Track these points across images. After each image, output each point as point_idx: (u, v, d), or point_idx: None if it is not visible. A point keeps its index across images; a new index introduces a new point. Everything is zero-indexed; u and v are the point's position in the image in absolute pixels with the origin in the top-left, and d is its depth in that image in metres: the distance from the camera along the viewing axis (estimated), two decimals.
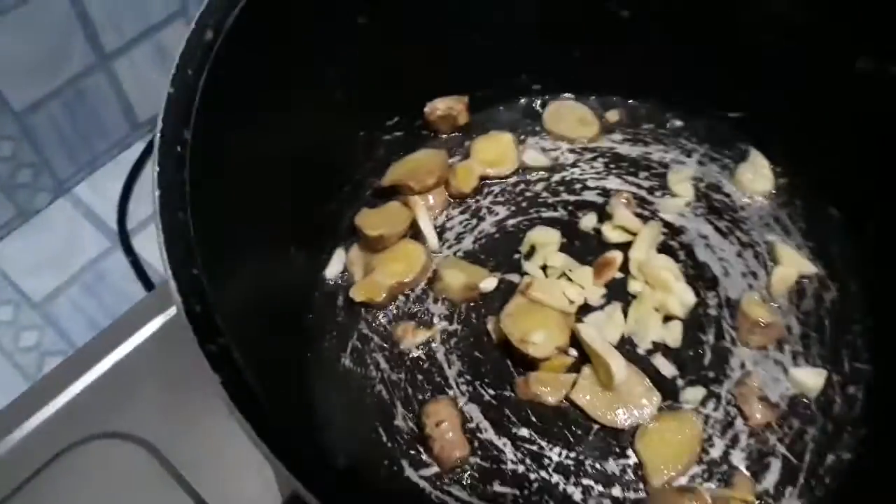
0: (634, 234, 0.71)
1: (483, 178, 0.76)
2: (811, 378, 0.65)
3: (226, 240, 0.47)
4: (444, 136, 0.79)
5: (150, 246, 0.97)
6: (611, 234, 0.72)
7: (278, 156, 0.60)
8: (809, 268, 0.70)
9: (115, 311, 0.92)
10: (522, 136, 0.79)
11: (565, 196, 0.75)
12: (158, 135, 0.44)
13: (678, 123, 0.80)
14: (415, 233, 0.72)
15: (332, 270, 0.71)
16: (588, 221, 0.73)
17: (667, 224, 0.73)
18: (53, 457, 0.66)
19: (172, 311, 0.76)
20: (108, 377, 0.72)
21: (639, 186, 0.76)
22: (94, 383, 0.72)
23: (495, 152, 0.76)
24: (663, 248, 0.72)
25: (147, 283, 0.94)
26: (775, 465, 0.62)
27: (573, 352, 0.66)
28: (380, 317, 0.69)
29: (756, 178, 0.75)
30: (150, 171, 0.43)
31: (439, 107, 0.77)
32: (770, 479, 0.61)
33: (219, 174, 0.48)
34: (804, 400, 0.65)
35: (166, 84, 0.47)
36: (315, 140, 0.66)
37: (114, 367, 0.73)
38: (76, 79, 0.93)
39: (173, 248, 0.41)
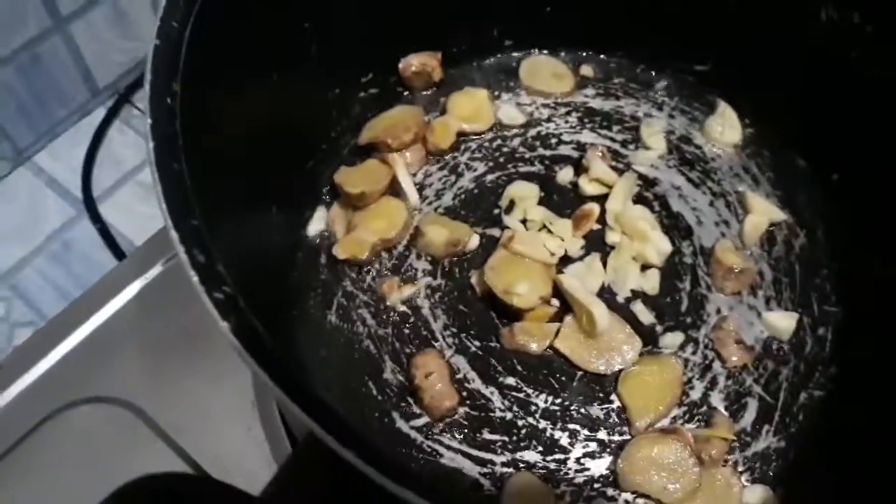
0: (610, 187, 0.72)
1: (460, 134, 0.76)
2: (783, 321, 0.67)
3: (216, 194, 0.47)
4: (419, 93, 0.79)
5: (117, 213, 0.96)
6: (587, 186, 0.73)
7: (258, 112, 0.59)
8: (779, 215, 0.73)
9: (84, 280, 0.91)
10: (497, 93, 0.80)
11: (541, 151, 0.76)
12: (148, 86, 0.44)
13: (649, 77, 0.81)
14: (395, 190, 0.72)
15: (314, 228, 0.70)
16: (565, 175, 0.74)
17: (641, 176, 0.75)
18: (37, 424, 0.65)
19: (149, 275, 0.75)
20: (86, 345, 0.72)
21: (612, 140, 0.77)
22: (71, 352, 0.71)
23: (471, 108, 0.77)
24: (638, 200, 0.73)
25: (116, 251, 0.93)
26: (752, 405, 0.64)
27: (556, 302, 0.67)
28: (364, 273, 0.69)
29: (725, 130, 0.77)
30: (114, 137, 0.43)
31: (413, 63, 0.77)
32: (747, 418, 0.64)
33: (205, 128, 0.47)
34: (777, 342, 0.67)
35: (125, 47, 0.46)
36: (291, 98, 0.65)
37: (90, 335, 0.72)
38: (32, 43, 0.90)
39: (172, 199, 0.40)
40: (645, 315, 0.68)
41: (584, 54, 0.82)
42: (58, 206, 0.96)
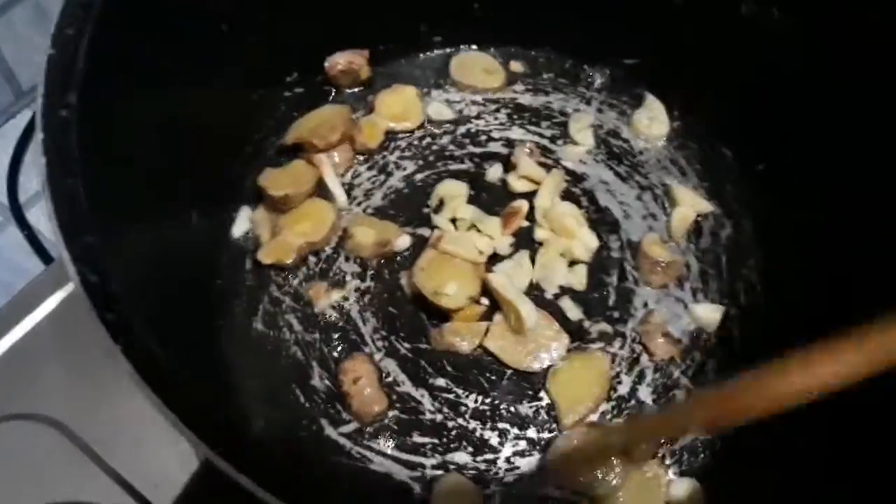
0: (539, 183, 0.72)
1: (388, 132, 0.75)
2: (710, 313, 0.68)
3: (121, 206, 0.45)
4: (346, 91, 0.78)
5: (45, 218, 0.93)
6: (516, 183, 0.73)
7: (172, 116, 0.58)
8: (706, 207, 0.73)
9: (11, 287, 0.88)
10: (426, 90, 0.79)
11: (471, 148, 0.76)
12: (41, 99, 0.42)
13: (577, 71, 0.81)
14: (322, 191, 0.71)
15: (238, 231, 0.69)
16: (494, 172, 0.74)
17: (569, 171, 0.75)
18: None
19: (73, 284, 0.73)
20: (10, 357, 0.69)
21: (541, 136, 0.77)
22: None
23: (400, 106, 0.76)
24: (566, 195, 0.73)
25: (45, 257, 0.90)
26: (680, 398, 0.65)
27: (485, 301, 0.67)
28: (290, 278, 0.68)
29: (652, 123, 0.77)
30: (40, 139, 0.41)
31: (340, 61, 0.76)
32: None
33: (108, 138, 0.46)
34: (705, 333, 0.68)
35: (47, 45, 0.45)
36: (210, 100, 0.64)
37: (14, 345, 0.70)
38: None
39: (64, 216, 0.39)
40: (573, 311, 0.68)
41: (514, 49, 0.82)
42: None
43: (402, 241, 0.69)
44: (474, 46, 0.81)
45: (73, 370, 0.69)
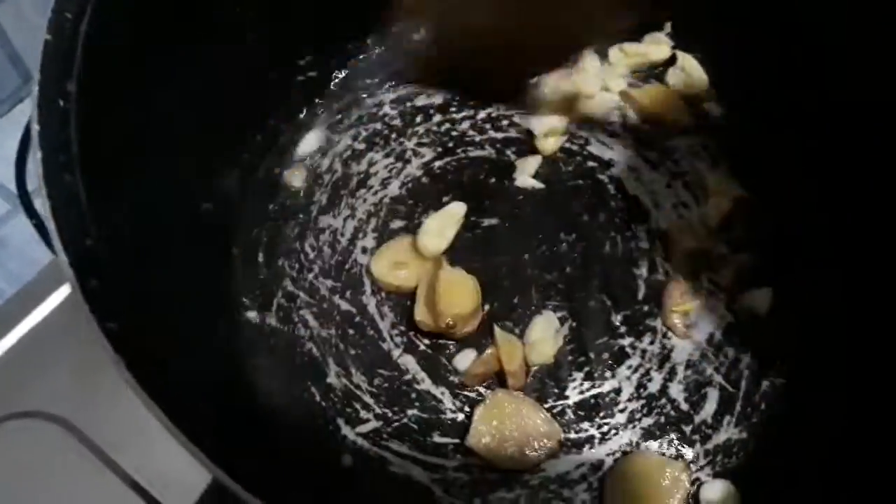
0: None
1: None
2: (759, 298, 0.65)
3: (124, 203, 0.43)
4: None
5: None
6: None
7: (180, 102, 0.55)
8: (739, 194, 0.70)
9: (20, 277, 0.86)
10: None
11: (491, 133, 0.72)
12: (36, 89, 0.39)
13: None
14: None
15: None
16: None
17: (596, 158, 0.72)
18: None
19: None
20: (17, 351, 0.68)
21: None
22: (1, 358, 0.67)
23: None
24: (594, 183, 0.70)
25: (53, 247, 0.88)
26: (712, 395, 0.62)
27: None
28: (305, 272, 0.65)
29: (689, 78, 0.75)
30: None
31: None
32: (708, 408, 0.62)
33: (110, 128, 0.43)
34: (739, 331, 0.64)
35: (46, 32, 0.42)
36: (220, 84, 0.61)
37: (21, 340, 0.68)
38: None
39: (62, 216, 0.36)
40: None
41: None
42: None
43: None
44: None
45: (82, 367, 0.67)
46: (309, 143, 0.72)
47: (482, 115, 0.73)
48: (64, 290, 0.71)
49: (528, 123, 0.72)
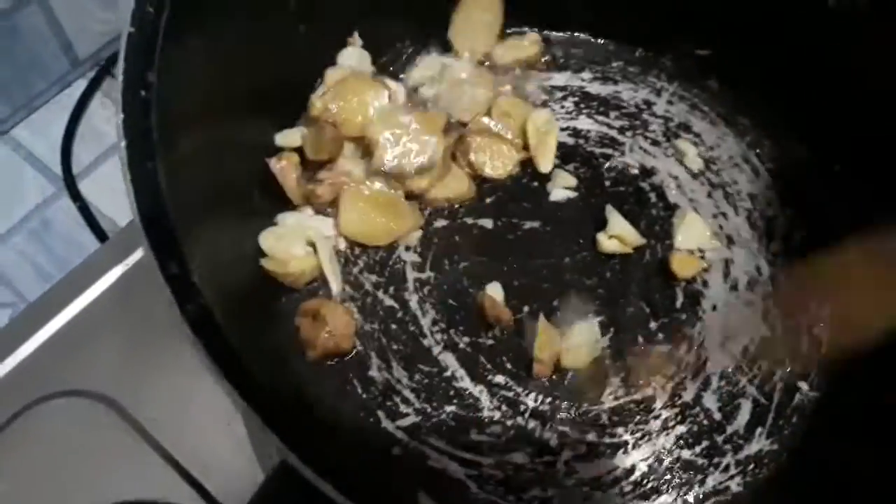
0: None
1: None
2: None
3: (194, 189, 0.44)
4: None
5: (98, 191, 0.93)
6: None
7: (241, 88, 0.56)
8: (778, 209, 0.70)
9: (64, 259, 0.88)
10: None
11: None
12: (121, 78, 0.41)
13: (646, 61, 0.78)
14: None
15: None
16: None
17: (637, 165, 0.72)
18: (11, 417, 0.63)
19: (130, 261, 0.72)
20: (65, 332, 0.69)
21: (609, 126, 0.74)
22: (50, 339, 0.69)
23: None
24: (635, 191, 0.71)
25: (96, 230, 0.90)
26: (745, 406, 0.63)
27: None
28: (350, 266, 0.67)
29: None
30: (95, 111, 0.40)
31: None
32: (741, 419, 0.62)
33: (185, 117, 0.44)
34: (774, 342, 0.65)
35: (106, 17, 0.44)
36: (275, 68, 0.61)
37: (70, 321, 0.70)
38: (8, 13, 0.86)
39: (144, 203, 0.38)
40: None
41: (581, 37, 0.79)
42: (37, 183, 0.93)
43: None
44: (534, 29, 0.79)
45: (128, 348, 0.68)
46: None
47: None
48: (111, 276, 0.72)
49: None
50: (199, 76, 0.48)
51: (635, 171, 0.72)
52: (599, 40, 0.79)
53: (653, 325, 0.65)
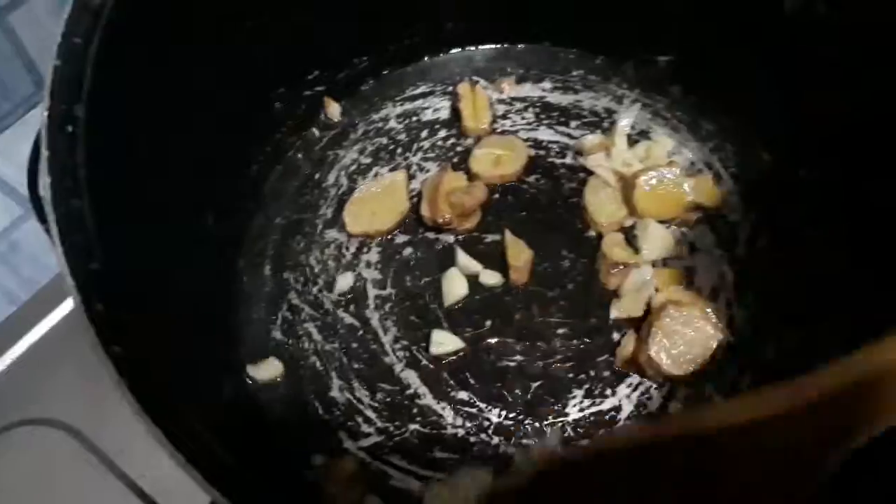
0: None
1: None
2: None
3: (131, 224, 0.44)
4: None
5: None
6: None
7: (187, 122, 0.56)
8: (741, 213, 0.70)
9: (33, 281, 0.87)
10: (450, 88, 0.76)
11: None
12: (45, 114, 0.40)
13: (608, 69, 0.77)
14: None
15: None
16: None
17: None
18: None
19: None
20: (26, 359, 0.69)
21: (570, 136, 0.74)
22: (11, 366, 0.68)
23: None
24: None
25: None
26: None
27: None
28: (310, 285, 0.66)
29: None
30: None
31: None
32: None
33: (118, 153, 0.44)
34: (740, 350, 0.65)
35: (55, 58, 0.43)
36: (229, 100, 0.61)
37: (31, 347, 0.69)
38: None
39: (69, 242, 0.37)
40: None
41: (543, 45, 0.78)
42: (3, 205, 0.93)
43: None
44: (496, 46, 0.78)
45: (90, 375, 0.67)
46: None
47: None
48: (69, 303, 0.72)
49: None
50: (136, 110, 0.47)
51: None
52: (560, 49, 0.78)
53: (616, 335, 0.65)
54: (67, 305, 0.72)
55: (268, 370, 0.62)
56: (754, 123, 0.72)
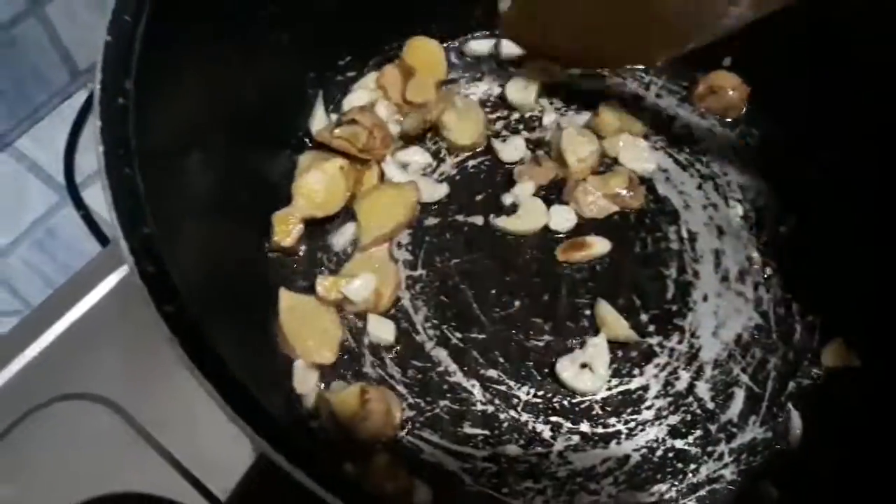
0: None
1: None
2: None
3: (178, 195, 0.45)
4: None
5: (101, 199, 0.94)
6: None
7: (228, 102, 0.57)
8: (768, 198, 0.71)
9: (69, 267, 0.90)
10: (478, 74, 0.77)
11: (525, 134, 0.74)
12: (98, 87, 0.42)
13: None
14: None
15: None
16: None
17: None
18: (15, 421, 0.65)
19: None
20: (67, 337, 0.70)
21: None
22: (52, 343, 0.70)
23: None
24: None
25: (100, 237, 0.91)
26: (739, 395, 0.63)
27: None
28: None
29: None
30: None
31: None
32: (734, 408, 0.63)
33: (164, 126, 0.45)
34: (765, 332, 0.65)
35: (104, 27, 0.44)
36: (263, 85, 0.63)
37: (72, 326, 0.71)
38: (6, 26, 0.88)
39: (122, 206, 0.39)
40: None
41: None
42: (41, 193, 0.95)
43: None
44: None
45: (129, 351, 0.69)
46: None
47: (515, 115, 0.75)
48: (112, 279, 0.74)
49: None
50: (180, 85, 0.49)
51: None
52: None
53: (643, 316, 0.66)
54: (105, 287, 0.73)
55: None
56: (781, 108, 0.73)
